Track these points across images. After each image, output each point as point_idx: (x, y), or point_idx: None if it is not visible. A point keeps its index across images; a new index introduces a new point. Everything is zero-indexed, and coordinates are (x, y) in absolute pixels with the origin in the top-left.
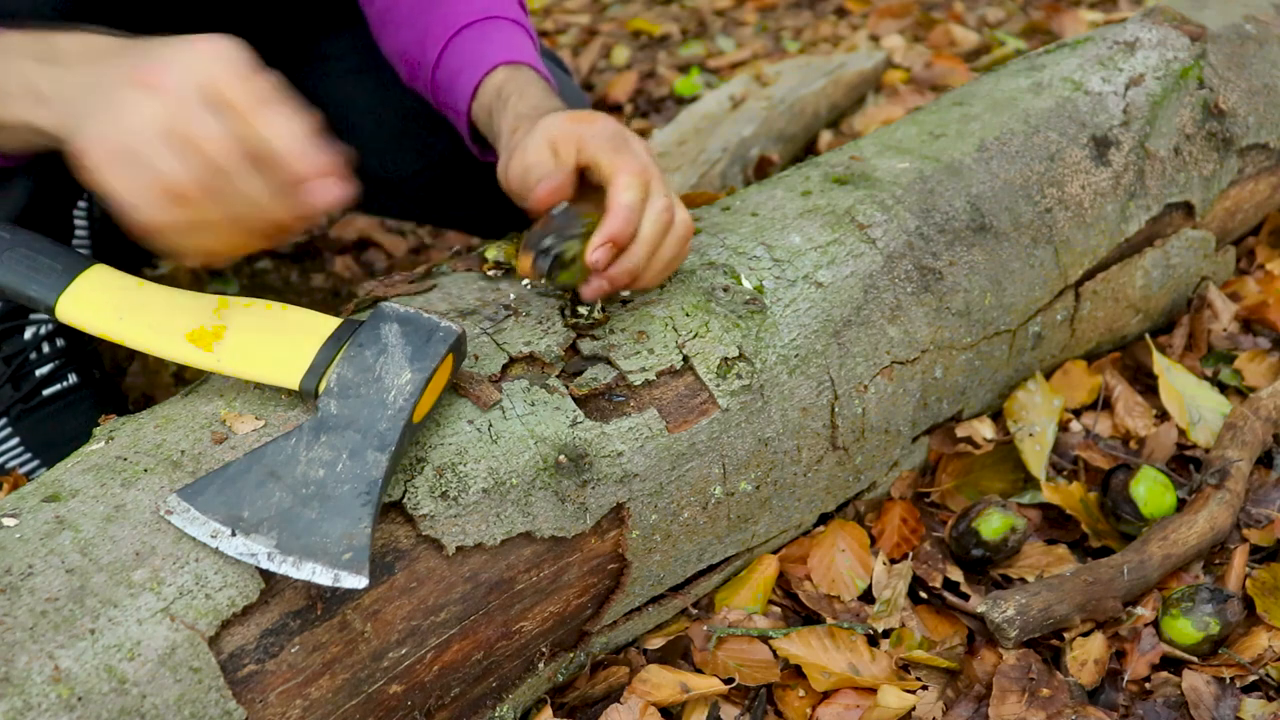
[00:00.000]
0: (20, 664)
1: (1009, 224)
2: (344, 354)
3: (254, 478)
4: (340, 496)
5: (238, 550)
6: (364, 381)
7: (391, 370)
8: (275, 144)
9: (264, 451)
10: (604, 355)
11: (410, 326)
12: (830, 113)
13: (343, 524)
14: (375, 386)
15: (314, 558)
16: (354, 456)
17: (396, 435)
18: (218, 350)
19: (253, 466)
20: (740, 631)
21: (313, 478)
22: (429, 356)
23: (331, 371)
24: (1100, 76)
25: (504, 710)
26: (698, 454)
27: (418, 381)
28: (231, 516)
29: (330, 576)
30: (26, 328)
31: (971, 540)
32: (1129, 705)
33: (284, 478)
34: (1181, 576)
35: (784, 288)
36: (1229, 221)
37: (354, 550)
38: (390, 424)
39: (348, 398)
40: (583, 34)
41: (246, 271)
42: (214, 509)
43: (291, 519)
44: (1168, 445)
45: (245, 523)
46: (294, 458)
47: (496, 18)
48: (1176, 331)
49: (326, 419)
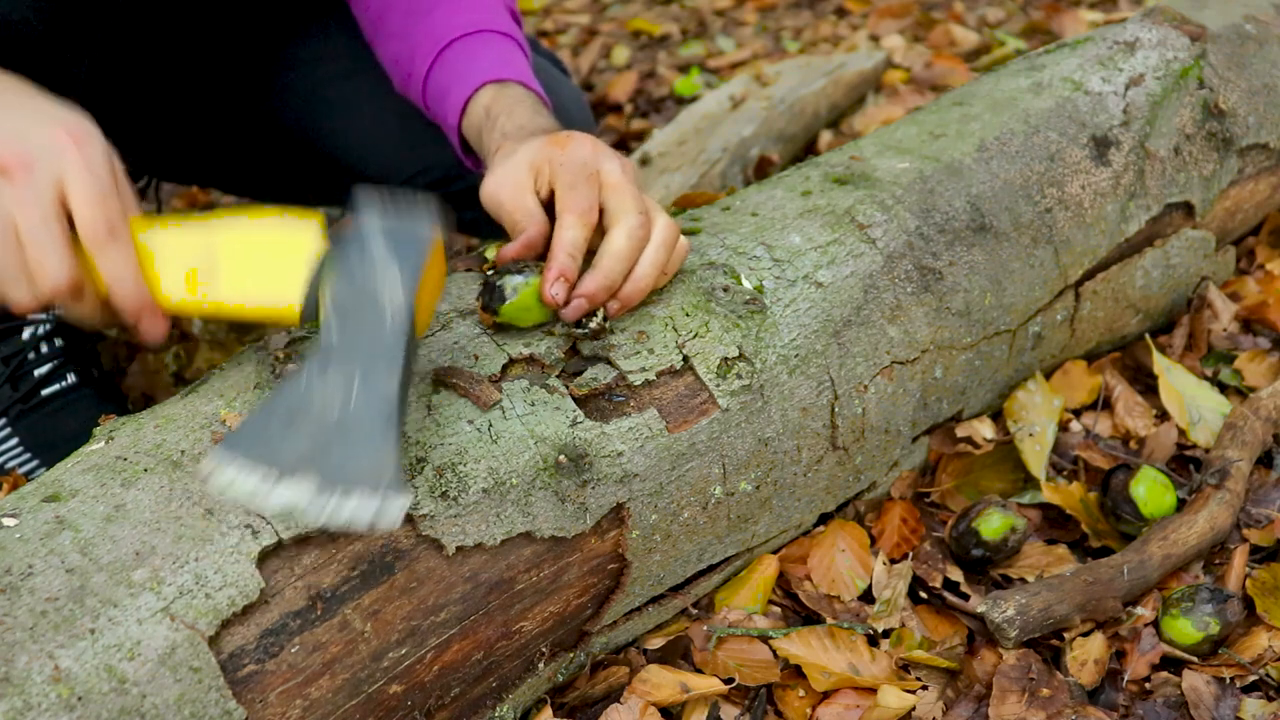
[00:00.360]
0: (20, 664)
1: (1009, 224)
2: (333, 280)
3: (277, 424)
4: (362, 424)
5: (282, 499)
6: (358, 300)
7: (382, 282)
8: (112, 283)
9: (280, 396)
10: (604, 355)
11: (391, 227)
12: (830, 113)
13: (371, 450)
14: (370, 303)
15: (357, 488)
16: (365, 382)
17: (401, 351)
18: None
19: (273, 414)
20: (740, 631)
21: (331, 411)
22: (414, 259)
23: (325, 299)
24: (1100, 76)
25: (504, 710)
26: (698, 454)
27: (409, 289)
28: (269, 466)
29: (374, 506)
30: (25, 328)
31: (971, 540)
32: (1129, 705)
33: (305, 417)
34: (1181, 576)
35: (784, 288)
36: (1229, 221)
37: (388, 473)
38: (392, 340)
39: (346, 325)
40: (583, 34)
41: None
42: (252, 462)
43: (324, 456)
44: (1168, 445)
45: (285, 468)
46: (308, 396)
47: (485, 31)
48: (1176, 331)
49: (329, 350)
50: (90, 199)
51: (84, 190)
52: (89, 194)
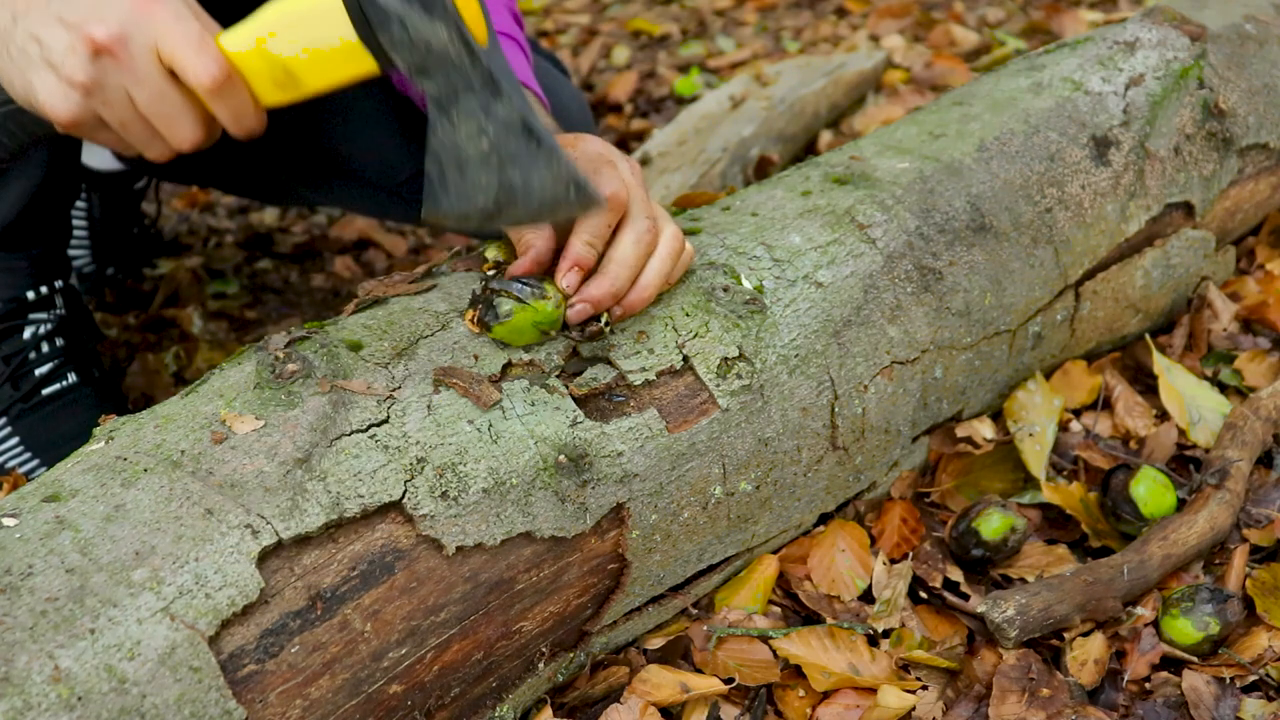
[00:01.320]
0: (20, 664)
1: (1009, 224)
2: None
3: (453, 175)
4: (515, 151)
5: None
6: (419, 56)
7: (426, 33)
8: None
9: (436, 152)
10: (604, 355)
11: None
12: (830, 113)
13: (541, 168)
14: (430, 55)
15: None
16: (487, 115)
17: (489, 75)
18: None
19: (444, 168)
20: (740, 631)
21: (483, 148)
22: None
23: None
24: (1100, 76)
25: (504, 710)
26: (698, 454)
27: (453, 26)
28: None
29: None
30: (26, 327)
31: (971, 540)
32: (1129, 705)
33: (469, 161)
34: (1181, 576)
35: (784, 288)
36: (1229, 221)
37: (572, 178)
38: (476, 72)
39: (426, 75)
40: (583, 34)
41: (246, 271)
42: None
43: (510, 189)
44: (1168, 445)
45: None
46: (457, 142)
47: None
48: (1176, 331)
49: (436, 99)
50: (193, 53)
51: (185, 47)
52: (190, 49)
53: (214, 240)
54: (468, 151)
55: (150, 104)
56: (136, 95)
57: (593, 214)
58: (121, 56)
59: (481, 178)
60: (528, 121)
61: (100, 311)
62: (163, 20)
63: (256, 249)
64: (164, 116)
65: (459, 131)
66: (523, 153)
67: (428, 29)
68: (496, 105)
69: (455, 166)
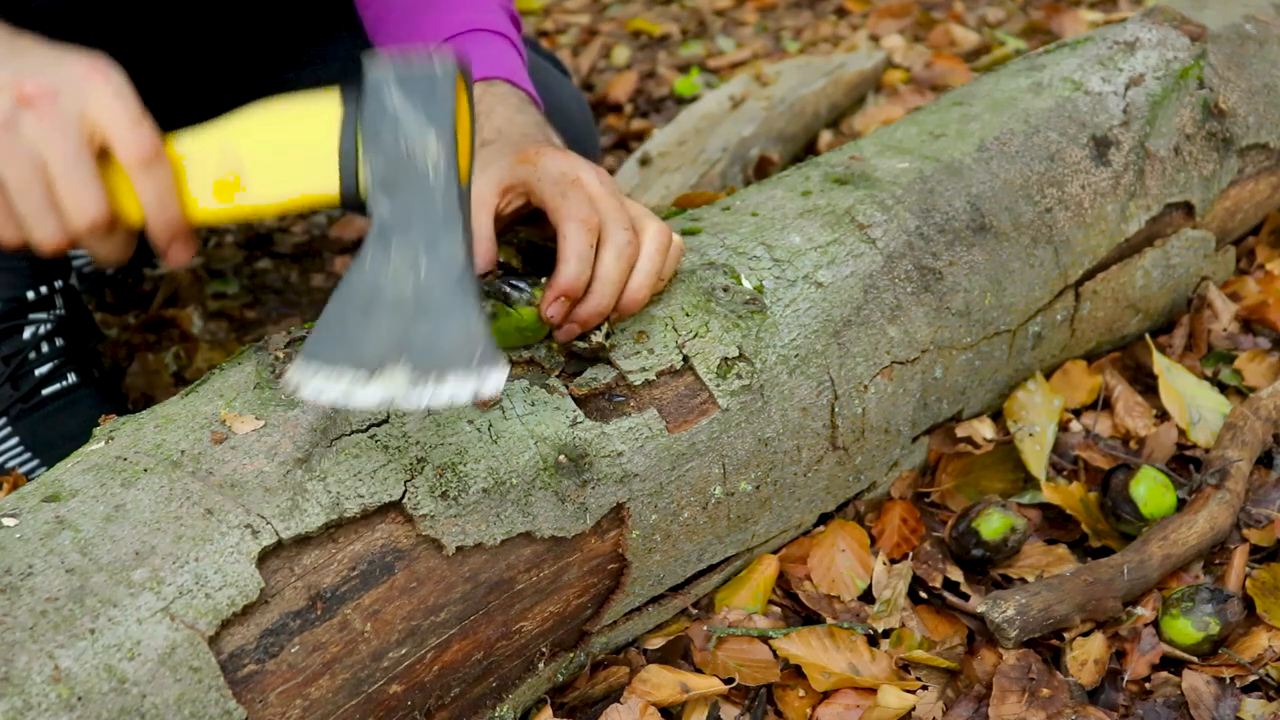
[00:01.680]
0: (20, 664)
1: (1009, 224)
2: (363, 147)
3: (353, 318)
4: (439, 296)
5: (376, 396)
6: (397, 168)
7: (415, 140)
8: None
9: (348, 288)
10: (604, 356)
11: (408, 84)
12: (830, 113)
13: (457, 324)
14: (409, 168)
15: (450, 369)
16: (430, 251)
17: (456, 209)
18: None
19: (346, 309)
20: (740, 631)
21: (405, 291)
22: (443, 110)
23: (362, 170)
24: (1100, 76)
25: (504, 710)
26: (698, 454)
27: (447, 141)
28: (357, 361)
29: (474, 383)
30: (25, 327)
31: (971, 540)
32: (1129, 705)
33: (379, 304)
34: (1181, 576)
35: (784, 288)
36: (1229, 221)
37: (481, 345)
38: (445, 200)
39: (393, 196)
40: (583, 34)
41: (246, 271)
42: (339, 360)
43: (409, 340)
44: (1168, 445)
45: (373, 364)
46: (377, 281)
47: (479, 31)
48: (1176, 331)
49: (384, 225)
50: (127, 122)
51: (118, 114)
52: (124, 117)
53: (214, 240)
54: (385, 292)
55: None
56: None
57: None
58: (45, 109)
59: (384, 324)
60: (468, 268)
61: (100, 311)
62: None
63: (256, 249)
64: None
65: (389, 265)
66: (446, 303)
67: (418, 135)
68: (445, 241)
69: (361, 308)
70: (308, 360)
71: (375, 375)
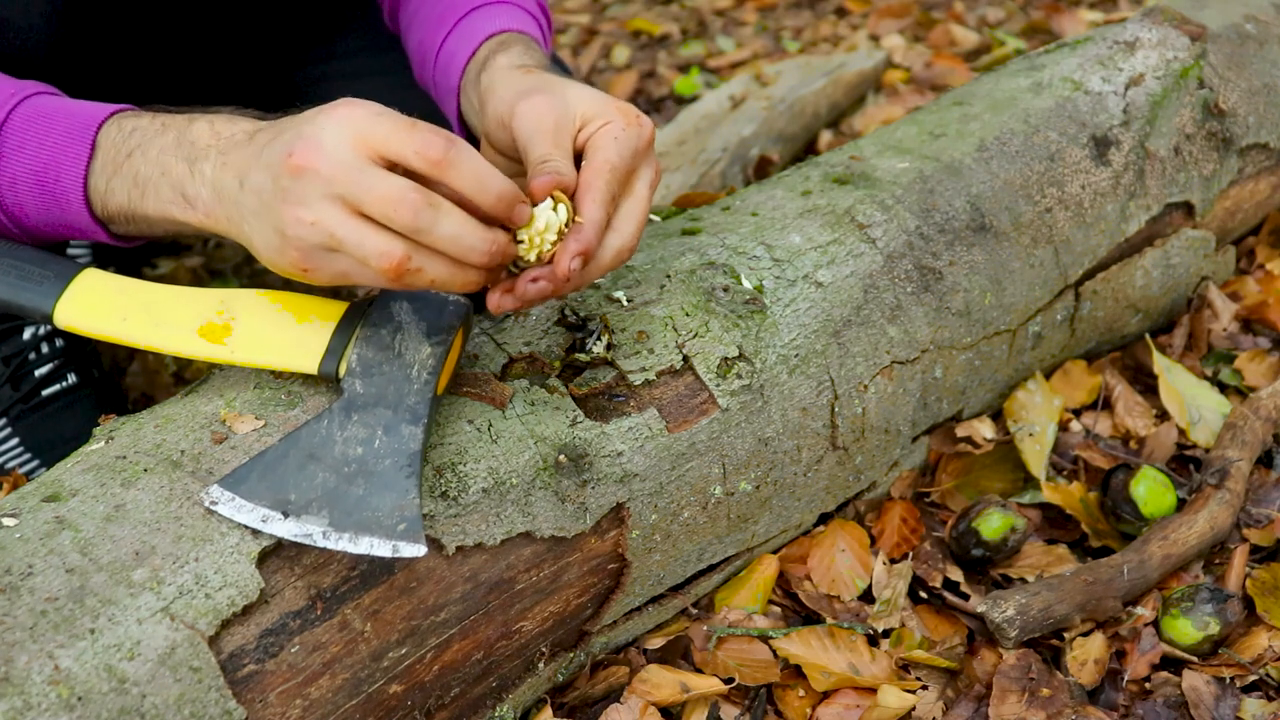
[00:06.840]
0: (20, 664)
1: (1009, 224)
2: (360, 335)
3: (293, 461)
4: (383, 471)
5: (291, 532)
6: (385, 359)
7: (410, 346)
8: (466, 191)
9: (298, 435)
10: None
11: (420, 302)
12: (830, 113)
13: (391, 497)
14: (397, 363)
15: (369, 531)
16: (389, 432)
17: (426, 407)
18: (230, 343)
19: (290, 451)
20: (740, 631)
21: (352, 456)
22: (445, 329)
23: (350, 353)
24: (1100, 76)
25: (504, 710)
26: (698, 454)
27: (439, 354)
28: (279, 500)
29: (389, 548)
30: (25, 328)
31: (971, 540)
32: (1129, 705)
33: (323, 458)
34: (1181, 576)
35: (784, 287)
36: (1229, 221)
37: (407, 521)
38: (419, 397)
39: (371, 376)
40: (583, 34)
41: (246, 271)
42: (259, 495)
43: (339, 497)
44: (1168, 445)
45: (294, 505)
46: (330, 438)
47: (504, 2)
48: (1176, 331)
49: (354, 399)
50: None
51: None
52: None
53: (214, 240)
54: (334, 450)
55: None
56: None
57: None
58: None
59: (319, 476)
60: (419, 458)
61: None
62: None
63: None
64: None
65: (345, 430)
66: (389, 477)
67: (415, 342)
68: (407, 430)
69: (307, 455)
70: (234, 486)
71: (291, 516)
